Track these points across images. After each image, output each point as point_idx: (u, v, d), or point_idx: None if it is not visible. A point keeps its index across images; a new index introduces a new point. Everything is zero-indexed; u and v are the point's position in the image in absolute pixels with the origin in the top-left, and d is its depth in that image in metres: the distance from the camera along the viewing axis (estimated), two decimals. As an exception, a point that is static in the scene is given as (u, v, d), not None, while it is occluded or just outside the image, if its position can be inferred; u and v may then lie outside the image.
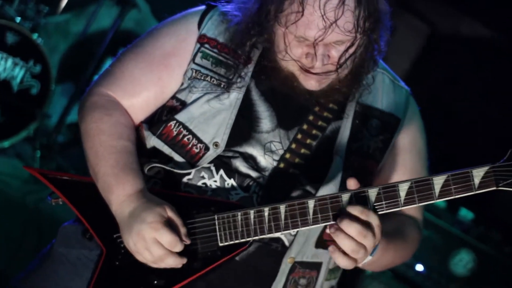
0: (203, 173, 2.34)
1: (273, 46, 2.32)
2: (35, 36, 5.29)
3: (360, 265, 2.25)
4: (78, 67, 6.05)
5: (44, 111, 5.39)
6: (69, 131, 6.06)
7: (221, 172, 2.34)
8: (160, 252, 2.14)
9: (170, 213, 2.19)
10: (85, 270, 2.35)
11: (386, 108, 2.46)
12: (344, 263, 2.12)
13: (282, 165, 2.34)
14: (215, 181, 2.34)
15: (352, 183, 2.15)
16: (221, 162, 2.34)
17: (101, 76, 2.52)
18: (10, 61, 5.24)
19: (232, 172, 2.34)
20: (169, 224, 2.17)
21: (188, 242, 2.19)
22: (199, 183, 2.34)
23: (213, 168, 2.34)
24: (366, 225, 2.09)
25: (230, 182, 2.33)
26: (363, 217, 2.10)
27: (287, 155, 2.35)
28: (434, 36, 6.73)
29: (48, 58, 5.37)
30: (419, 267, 4.62)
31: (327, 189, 2.30)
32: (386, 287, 4.56)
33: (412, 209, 2.45)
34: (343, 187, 2.33)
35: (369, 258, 2.20)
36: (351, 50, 2.25)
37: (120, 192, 2.25)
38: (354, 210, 2.10)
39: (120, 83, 2.45)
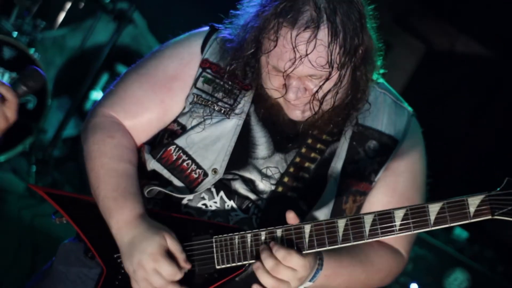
0: (203, 194, 2.35)
1: (259, 74, 2.33)
2: (31, 51, 5.28)
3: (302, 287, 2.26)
4: (74, 82, 6.05)
5: (40, 126, 5.37)
6: (64, 146, 6.05)
7: (221, 193, 2.35)
8: (160, 282, 2.16)
9: (170, 242, 2.20)
10: None
11: (386, 130, 2.44)
12: None
13: (280, 188, 2.35)
14: (215, 202, 2.35)
15: (291, 217, 2.17)
16: (221, 184, 2.35)
17: (104, 96, 2.52)
18: (6, 76, 5.23)
19: (232, 193, 2.35)
20: (169, 253, 2.19)
21: (188, 267, 2.21)
22: (199, 204, 2.35)
23: (213, 190, 2.35)
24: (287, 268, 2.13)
25: (230, 203, 2.34)
26: (284, 262, 2.12)
27: (286, 179, 2.36)
28: (429, 53, 6.76)
29: (44, 74, 5.36)
30: (414, 286, 4.62)
31: (320, 211, 2.31)
32: (380, 305, 4.55)
33: (394, 239, 2.42)
34: (336, 209, 2.34)
35: (309, 283, 2.23)
36: (326, 86, 2.23)
37: (119, 217, 2.26)
38: (277, 254, 2.13)
39: (123, 104, 2.45)
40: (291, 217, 2.17)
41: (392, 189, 2.43)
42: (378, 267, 2.40)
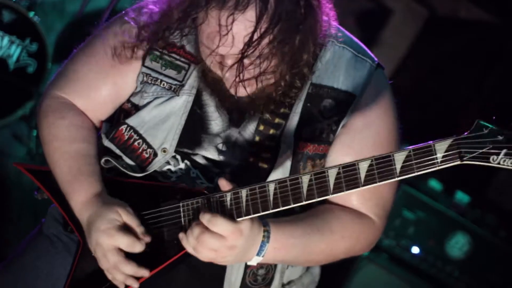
0: (169, 160, 2.32)
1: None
2: (31, 14, 5.25)
3: (249, 263, 2.19)
4: (74, 46, 6.01)
5: (40, 90, 5.36)
6: (65, 111, 6.03)
7: (186, 161, 2.31)
8: (115, 258, 2.13)
9: (125, 216, 2.16)
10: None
11: (342, 86, 2.30)
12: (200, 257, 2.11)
13: (252, 159, 2.29)
14: (181, 168, 2.31)
15: (223, 184, 2.11)
16: (184, 154, 2.31)
17: (56, 77, 2.47)
18: (6, 39, 5.21)
19: (196, 163, 2.31)
20: (126, 227, 2.16)
21: (147, 240, 2.17)
22: (164, 169, 2.32)
23: (178, 157, 2.31)
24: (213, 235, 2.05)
25: (196, 171, 2.31)
26: (209, 226, 2.05)
27: (253, 148, 2.29)
28: (432, 19, 6.72)
29: (44, 37, 5.33)
30: (415, 250, 4.63)
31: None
32: (382, 269, 4.56)
33: (359, 203, 2.30)
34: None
35: (259, 258, 2.15)
36: (262, 64, 2.12)
37: (76, 199, 2.24)
38: (203, 218, 2.06)
39: (74, 86, 2.41)
40: (224, 184, 2.12)
41: (347, 146, 2.30)
42: (341, 234, 2.27)
